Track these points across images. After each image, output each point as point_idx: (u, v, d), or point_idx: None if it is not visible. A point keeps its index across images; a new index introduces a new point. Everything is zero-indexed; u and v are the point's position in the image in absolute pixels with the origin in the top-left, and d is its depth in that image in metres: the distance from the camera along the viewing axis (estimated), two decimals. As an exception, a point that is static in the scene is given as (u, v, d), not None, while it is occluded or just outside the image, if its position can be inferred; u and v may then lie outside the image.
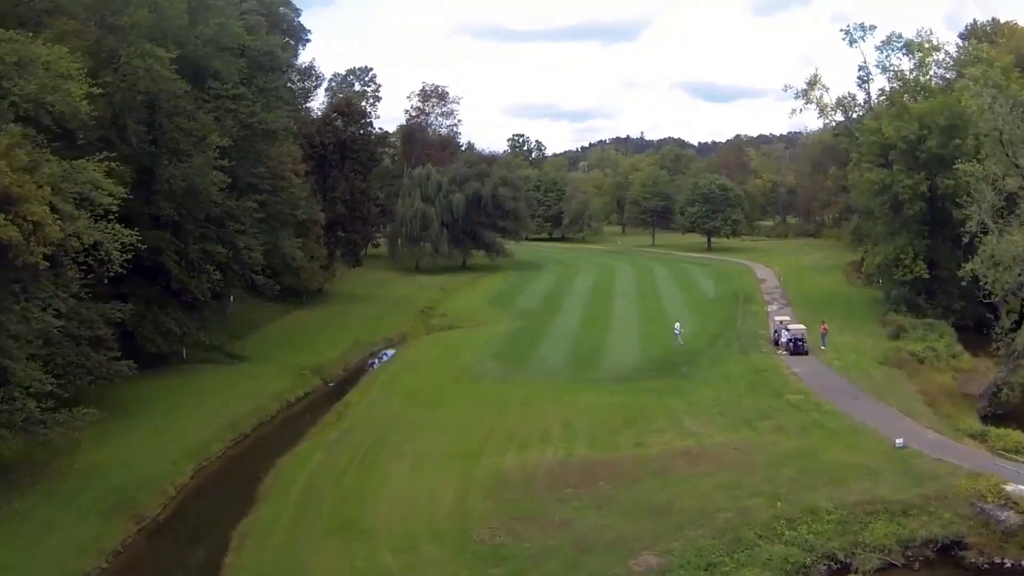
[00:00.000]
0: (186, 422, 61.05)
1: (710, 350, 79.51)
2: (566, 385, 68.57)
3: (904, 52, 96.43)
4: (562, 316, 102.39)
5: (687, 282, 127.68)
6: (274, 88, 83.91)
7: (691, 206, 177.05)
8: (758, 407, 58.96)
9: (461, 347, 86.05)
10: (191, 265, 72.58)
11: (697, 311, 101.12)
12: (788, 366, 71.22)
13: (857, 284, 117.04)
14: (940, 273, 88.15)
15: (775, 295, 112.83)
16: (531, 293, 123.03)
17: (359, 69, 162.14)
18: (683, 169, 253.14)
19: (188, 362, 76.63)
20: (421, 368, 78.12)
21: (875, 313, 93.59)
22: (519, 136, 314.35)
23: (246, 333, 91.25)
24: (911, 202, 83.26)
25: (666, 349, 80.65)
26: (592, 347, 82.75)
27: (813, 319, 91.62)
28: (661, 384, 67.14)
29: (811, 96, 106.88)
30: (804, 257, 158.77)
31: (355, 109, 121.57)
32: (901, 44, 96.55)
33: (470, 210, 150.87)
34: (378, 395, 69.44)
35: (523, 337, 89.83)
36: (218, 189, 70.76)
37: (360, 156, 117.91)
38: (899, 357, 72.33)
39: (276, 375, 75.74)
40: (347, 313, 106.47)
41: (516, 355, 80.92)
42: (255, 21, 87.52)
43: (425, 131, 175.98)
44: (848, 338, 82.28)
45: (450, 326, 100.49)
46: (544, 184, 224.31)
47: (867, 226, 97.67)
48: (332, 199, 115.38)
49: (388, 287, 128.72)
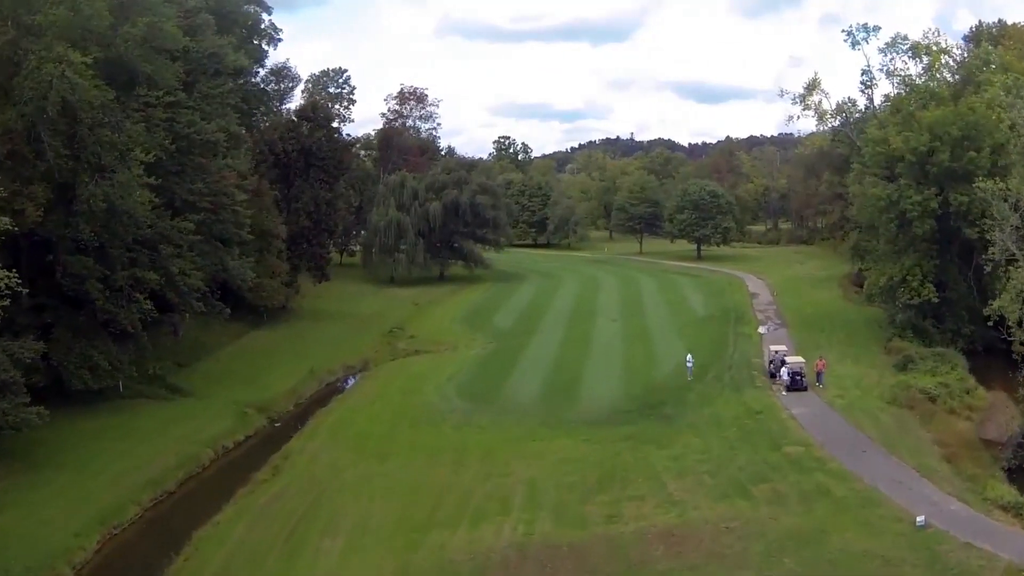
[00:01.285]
0: (103, 478, 53.85)
1: (699, 383, 71.82)
2: (536, 429, 60.94)
3: (910, 55, 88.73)
4: (539, 338, 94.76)
5: (675, 297, 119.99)
6: (219, 94, 75.92)
7: (680, 213, 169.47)
8: (753, 464, 51.38)
9: (425, 378, 78.24)
10: (119, 293, 64.66)
11: (685, 333, 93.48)
12: (785, 406, 63.62)
13: (855, 300, 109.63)
14: (949, 295, 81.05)
15: (768, 313, 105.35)
16: (509, 309, 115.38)
17: (333, 71, 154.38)
18: (673, 172, 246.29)
19: (124, 396, 69.32)
20: (377, 405, 70.33)
21: (878, 337, 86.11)
22: (505, 138, 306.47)
23: (196, 358, 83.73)
24: (920, 220, 75.68)
25: (649, 381, 73.24)
26: (568, 378, 75.21)
27: (810, 343, 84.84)
28: (642, 429, 59.55)
29: (809, 101, 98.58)
30: (798, 267, 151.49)
31: (321, 114, 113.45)
32: (907, 47, 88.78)
33: (447, 219, 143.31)
34: (323, 442, 61.57)
35: (494, 365, 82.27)
36: (148, 209, 63.06)
37: (326, 164, 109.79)
38: (908, 395, 64.69)
39: (216, 414, 67.96)
40: (308, 334, 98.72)
41: (484, 389, 73.29)
42: (202, 20, 79.71)
43: (402, 135, 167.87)
44: (850, 369, 74.93)
45: (417, 350, 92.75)
46: (529, 189, 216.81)
47: (869, 243, 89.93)
48: (295, 210, 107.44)
49: (358, 302, 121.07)
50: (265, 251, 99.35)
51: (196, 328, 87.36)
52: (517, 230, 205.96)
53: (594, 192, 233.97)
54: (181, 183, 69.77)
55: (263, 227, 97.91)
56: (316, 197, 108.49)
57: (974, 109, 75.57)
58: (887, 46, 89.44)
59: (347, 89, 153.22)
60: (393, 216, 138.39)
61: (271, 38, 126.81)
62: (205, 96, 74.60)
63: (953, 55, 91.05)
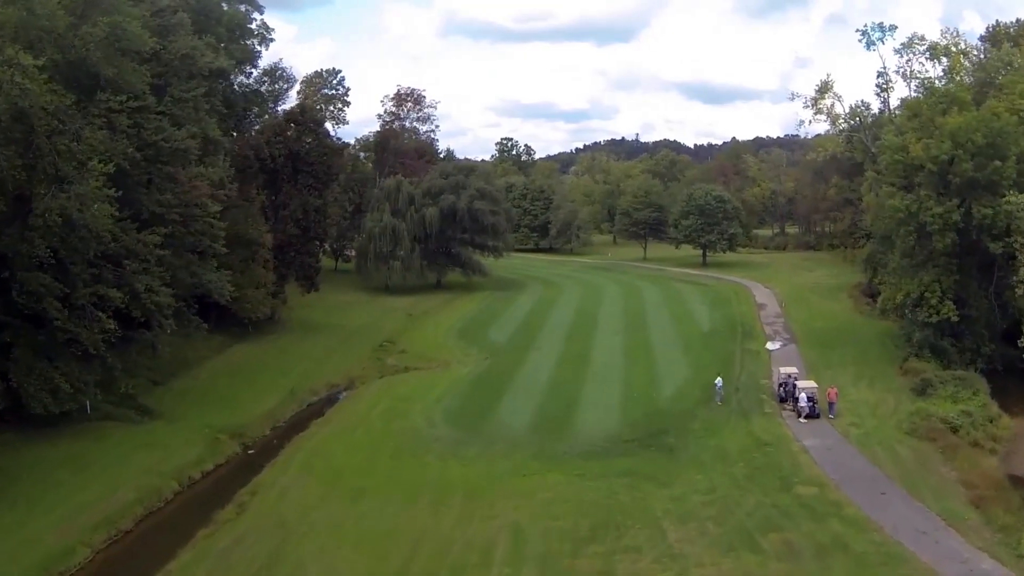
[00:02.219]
0: (54, 515, 49.37)
1: (704, 409, 67.30)
2: (526, 463, 56.33)
3: (927, 57, 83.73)
4: (535, 354, 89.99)
5: (679, 309, 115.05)
6: (192, 98, 71.24)
7: (685, 219, 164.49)
8: (762, 508, 46.75)
9: (412, 400, 73.52)
10: (81, 312, 59.98)
11: (690, 350, 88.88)
12: (796, 437, 59.04)
13: (867, 313, 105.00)
14: (969, 312, 76.19)
15: (777, 327, 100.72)
16: (505, 321, 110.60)
17: (327, 71, 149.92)
18: (678, 175, 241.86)
19: (91, 419, 64.58)
20: (357, 432, 65.51)
21: (892, 356, 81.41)
22: (507, 140, 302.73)
23: (173, 375, 79.16)
24: (940, 234, 70.83)
25: (651, 406, 68.67)
26: (564, 402, 70.51)
27: (822, 362, 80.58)
28: (642, 463, 55.05)
29: (821, 105, 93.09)
30: (806, 275, 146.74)
31: (310, 117, 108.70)
32: (924, 47, 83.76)
33: (444, 225, 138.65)
34: (296, 475, 56.78)
35: (486, 385, 77.58)
36: (111, 222, 58.44)
37: (315, 169, 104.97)
38: (928, 425, 59.90)
39: (186, 440, 63.24)
40: (294, 348, 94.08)
41: (473, 413, 68.60)
42: (176, 20, 75.01)
43: (399, 137, 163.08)
44: (865, 392, 70.37)
45: (407, 367, 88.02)
46: (531, 192, 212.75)
47: (884, 255, 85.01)
48: (283, 218, 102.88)
49: (350, 312, 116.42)
50: (250, 261, 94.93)
51: (177, 342, 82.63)
52: (519, 234, 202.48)
53: (598, 195, 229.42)
54: (149, 194, 65.10)
55: (248, 236, 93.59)
56: (305, 204, 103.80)
57: (999, 115, 70.66)
58: (903, 47, 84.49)
59: (341, 90, 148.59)
60: (388, 222, 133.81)
61: (263, 38, 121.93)
62: (177, 100, 69.94)
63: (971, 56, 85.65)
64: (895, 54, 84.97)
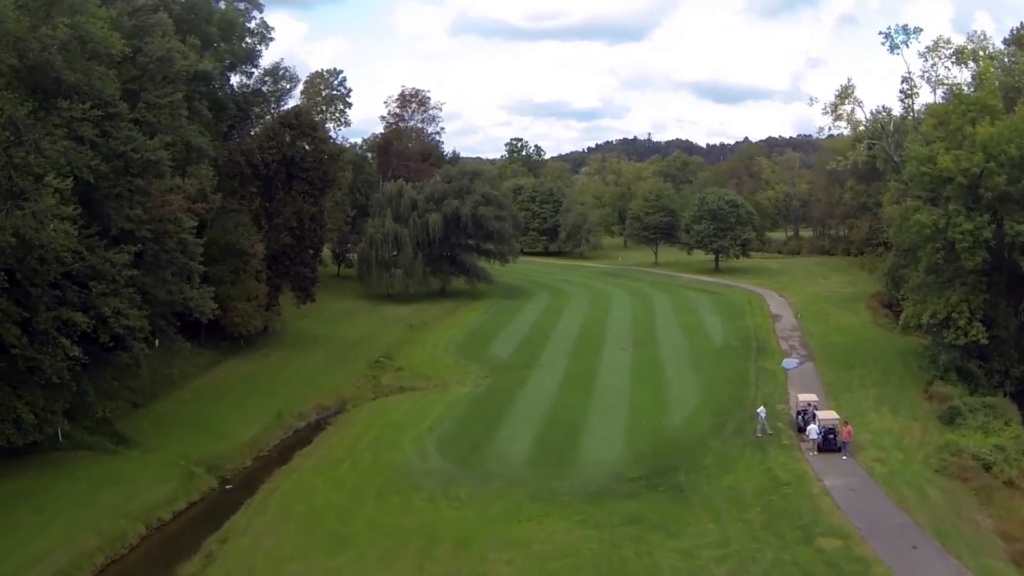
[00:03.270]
0: (6, 565, 44.90)
1: (717, 439, 62.59)
2: (522, 504, 51.71)
3: (954, 61, 78.57)
4: (538, 373, 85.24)
5: (691, 321, 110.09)
6: (168, 104, 66.65)
7: (697, 224, 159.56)
8: (780, 567, 42.04)
9: (404, 427, 68.81)
10: (44, 337, 55.55)
11: (702, 369, 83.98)
12: (817, 475, 54.23)
13: (887, 326, 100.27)
14: (998, 333, 71.50)
15: (793, 341, 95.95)
16: (509, 334, 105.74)
17: (328, 71, 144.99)
18: (690, 177, 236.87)
19: (61, 448, 60.66)
20: (343, 466, 60.68)
21: (916, 377, 76.70)
22: (517, 140, 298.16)
23: (155, 396, 75.24)
24: (970, 251, 65.93)
25: (660, 435, 63.97)
26: (566, 431, 65.69)
27: (841, 383, 76.35)
28: (649, 507, 50.33)
29: (841, 111, 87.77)
30: (821, 282, 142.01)
31: (305, 121, 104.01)
32: (951, 51, 78.55)
33: (448, 231, 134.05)
34: (272, 518, 51.97)
35: (484, 410, 72.79)
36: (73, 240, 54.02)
37: (310, 176, 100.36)
38: (960, 463, 54.97)
39: (159, 474, 58.77)
40: (286, 365, 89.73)
41: (469, 443, 63.89)
42: (154, 21, 70.56)
43: (403, 140, 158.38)
44: (888, 420, 65.60)
45: (402, 387, 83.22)
46: (540, 195, 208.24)
47: (906, 269, 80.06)
48: (277, 226, 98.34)
49: (348, 323, 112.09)
50: (241, 272, 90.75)
51: (163, 357, 78.58)
52: (528, 237, 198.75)
53: (608, 198, 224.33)
54: (118, 209, 60.46)
55: (238, 246, 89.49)
56: (299, 211, 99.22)
57: (1034, 123, 65.82)
58: (928, 50, 79.21)
59: (343, 91, 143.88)
60: (390, 228, 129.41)
61: (263, 37, 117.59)
62: (152, 106, 65.40)
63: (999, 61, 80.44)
64: (919, 58, 79.83)
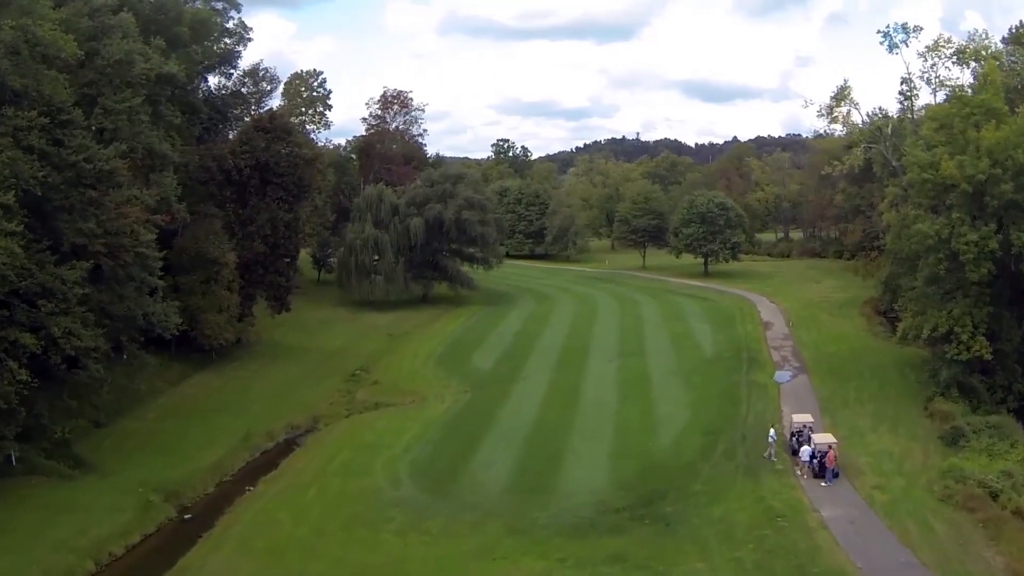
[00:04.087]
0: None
1: (707, 462, 59.22)
2: (498, 539, 48.37)
3: (955, 61, 75.07)
4: (521, 387, 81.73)
5: (680, 329, 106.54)
6: (126, 109, 62.90)
7: (686, 227, 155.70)
8: (775, 615, 38.64)
9: (377, 449, 65.23)
10: (-12, 359, 51.97)
11: (691, 383, 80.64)
12: (814, 505, 50.90)
13: (882, 335, 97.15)
14: (1001, 347, 68.15)
15: (785, 352, 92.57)
16: (491, 345, 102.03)
17: (307, 72, 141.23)
18: (679, 178, 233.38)
19: (16, 474, 57.31)
20: (310, 494, 56.97)
21: (914, 391, 73.56)
22: (503, 141, 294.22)
23: (120, 414, 71.85)
24: (975, 263, 62.59)
25: (647, 459, 60.56)
26: (547, 455, 62.13)
27: (837, 398, 73.74)
28: (634, 543, 46.98)
29: (837, 113, 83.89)
30: (813, 287, 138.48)
31: (279, 124, 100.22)
32: (951, 51, 75.04)
33: (431, 236, 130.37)
34: (229, 554, 48.38)
35: (462, 430, 69.21)
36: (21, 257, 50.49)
37: (285, 181, 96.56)
38: (965, 491, 51.59)
39: (115, 503, 55.08)
40: (258, 379, 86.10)
41: (444, 468, 60.30)
42: (116, 21, 66.88)
43: (384, 142, 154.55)
44: (887, 440, 62.41)
45: (378, 404, 79.44)
46: (526, 197, 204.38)
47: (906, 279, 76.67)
48: (250, 234, 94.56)
49: (326, 333, 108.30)
50: (212, 282, 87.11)
51: (129, 372, 74.98)
52: (514, 240, 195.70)
53: (596, 199, 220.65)
54: (70, 222, 56.71)
55: (209, 255, 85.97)
56: (274, 218, 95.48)
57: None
58: (928, 50, 75.60)
59: (322, 92, 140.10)
60: (370, 233, 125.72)
61: (241, 37, 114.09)
62: (109, 112, 61.74)
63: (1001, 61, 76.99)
64: (918, 58, 76.21)
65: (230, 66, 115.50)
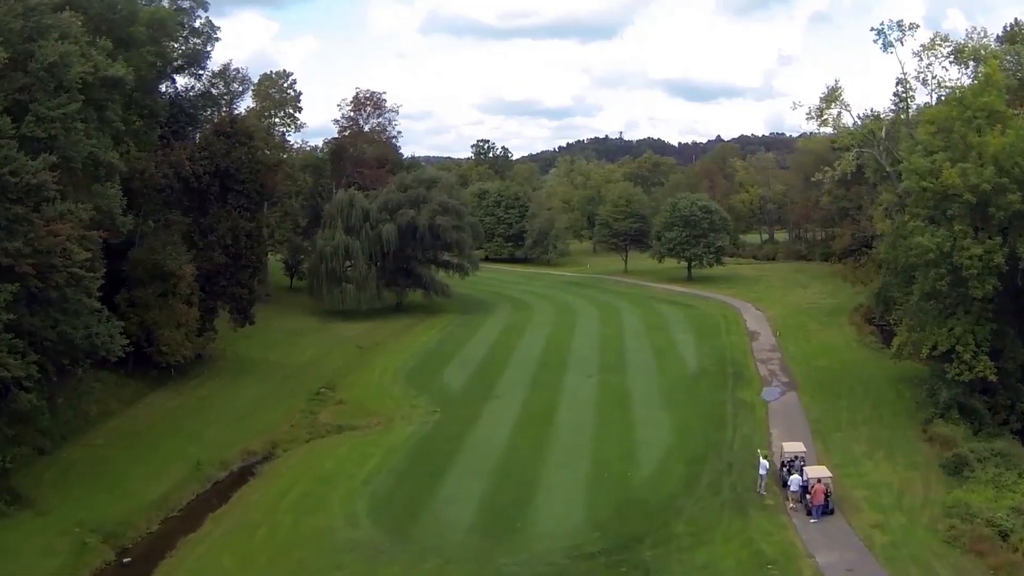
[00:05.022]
0: None
1: (690, 497, 54.74)
2: (460, 593, 43.64)
3: (952, 60, 70.53)
4: (493, 408, 76.89)
5: (662, 341, 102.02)
6: (61, 116, 57.86)
7: (669, 231, 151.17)
8: None
9: (336, 481, 60.29)
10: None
11: (674, 402, 76.21)
12: (808, 549, 46.41)
13: (873, 346, 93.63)
14: (1004, 365, 63.90)
15: (773, 365, 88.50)
16: (465, 358, 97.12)
17: (276, 73, 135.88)
18: (662, 179, 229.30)
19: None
20: (259, 535, 51.87)
21: (911, 410, 69.69)
22: (484, 142, 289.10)
23: (67, 439, 66.57)
24: (979, 279, 58.16)
25: (624, 493, 55.99)
26: (519, 486, 57.43)
27: (829, 418, 70.13)
28: (609, 595, 42.34)
29: (827, 116, 79.19)
30: (800, 292, 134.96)
31: (241, 128, 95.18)
32: (949, 49, 70.47)
33: (404, 243, 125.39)
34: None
35: (428, 458, 64.12)
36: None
37: (247, 188, 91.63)
38: (973, 532, 47.13)
39: (46, 545, 50.03)
40: (216, 399, 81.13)
41: (405, 504, 55.37)
42: (53, 20, 61.80)
43: (358, 145, 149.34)
44: (885, 469, 58.22)
45: (341, 427, 74.16)
46: (506, 199, 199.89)
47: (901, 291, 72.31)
48: (210, 244, 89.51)
49: (293, 346, 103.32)
50: (169, 295, 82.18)
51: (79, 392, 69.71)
52: (493, 244, 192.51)
53: (577, 201, 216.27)
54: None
55: (164, 267, 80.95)
56: (235, 227, 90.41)
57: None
58: (924, 49, 70.99)
59: (292, 94, 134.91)
60: (340, 240, 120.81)
61: (209, 36, 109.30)
62: (41, 119, 56.74)
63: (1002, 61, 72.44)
64: (913, 57, 71.62)
65: (198, 67, 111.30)
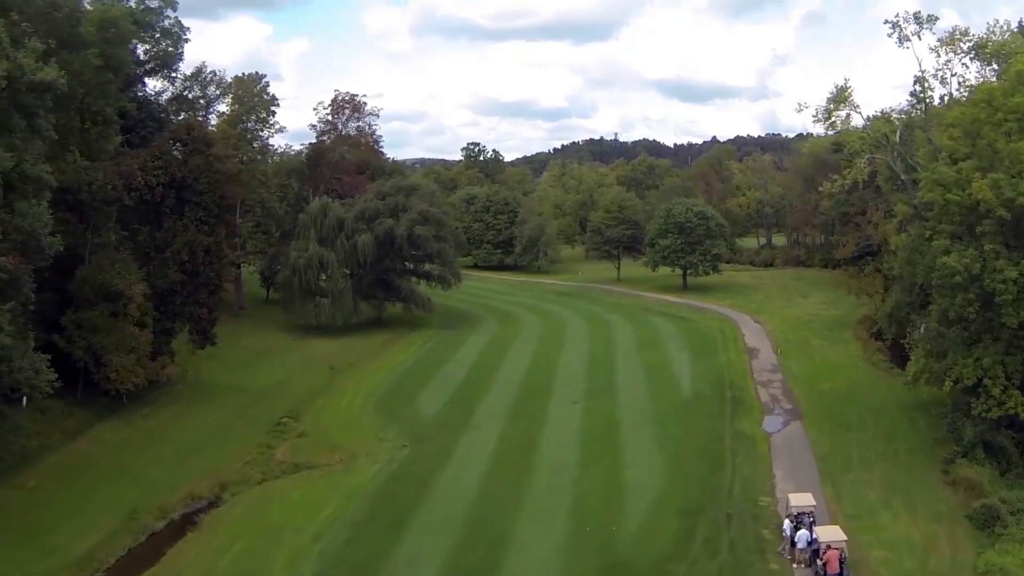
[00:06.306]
0: None
1: (684, 559, 47.56)
2: None
3: (972, 56, 63.55)
4: (467, 441, 69.89)
5: (655, 360, 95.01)
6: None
7: (663, 238, 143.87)
8: None
9: (283, 535, 53.02)
10: None
11: (667, 436, 69.05)
12: (820, 633, 39.44)
13: (880, 364, 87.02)
14: (1032, 396, 56.84)
15: (774, 388, 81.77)
16: (442, 381, 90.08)
17: (249, 76, 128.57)
18: (657, 182, 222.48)
19: None
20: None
21: (929, 446, 62.83)
22: (475, 144, 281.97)
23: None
24: (1014, 305, 51.14)
25: (609, 553, 48.94)
26: (488, 545, 50.19)
27: (839, 455, 63.34)
28: None
29: (835, 118, 72.04)
30: (800, 302, 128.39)
31: (198, 135, 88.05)
32: (969, 45, 63.47)
33: (382, 254, 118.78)
34: None
35: (390, 506, 56.73)
36: None
37: (204, 200, 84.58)
38: (1015, 609, 40.51)
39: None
40: (167, 431, 74.08)
41: (357, 567, 48.40)
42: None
43: (336, 150, 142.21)
44: (905, 522, 51.29)
45: (298, 465, 67.10)
46: (495, 205, 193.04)
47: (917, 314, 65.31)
48: (164, 260, 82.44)
49: (262, 366, 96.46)
50: (120, 317, 75.25)
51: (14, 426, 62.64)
52: (482, 251, 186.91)
53: (569, 206, 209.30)
54: None
55: (113, 287, 74.12)
56: (191, 242, 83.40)
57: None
58: (942, 44, 63.98)
59: (266, 97, 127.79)
60: (314, 252, 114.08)
61: (178, 38, 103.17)
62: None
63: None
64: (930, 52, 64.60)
65: (170, 69, 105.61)
